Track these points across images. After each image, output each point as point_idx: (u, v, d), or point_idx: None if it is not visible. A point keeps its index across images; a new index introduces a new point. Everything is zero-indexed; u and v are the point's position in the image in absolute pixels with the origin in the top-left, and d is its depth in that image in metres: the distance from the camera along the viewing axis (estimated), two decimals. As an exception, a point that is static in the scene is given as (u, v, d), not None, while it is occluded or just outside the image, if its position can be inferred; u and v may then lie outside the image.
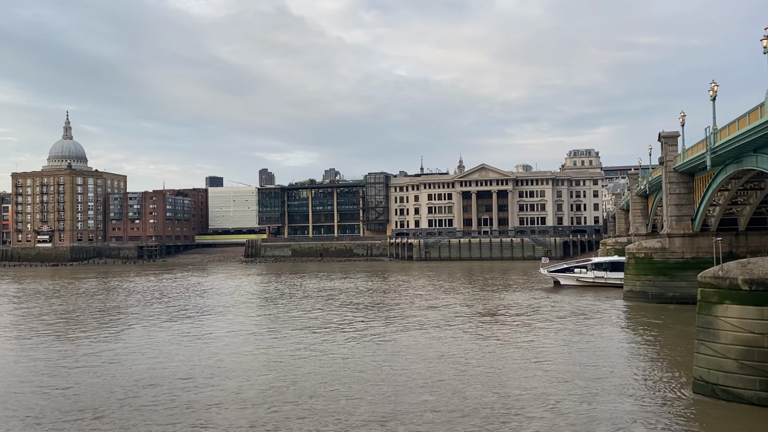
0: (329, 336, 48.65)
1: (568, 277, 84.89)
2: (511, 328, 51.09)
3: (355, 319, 58.04)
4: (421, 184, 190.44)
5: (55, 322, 59.67)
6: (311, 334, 49.81)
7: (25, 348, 46.60)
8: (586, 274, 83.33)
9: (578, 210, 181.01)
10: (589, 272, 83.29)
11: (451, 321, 55.24)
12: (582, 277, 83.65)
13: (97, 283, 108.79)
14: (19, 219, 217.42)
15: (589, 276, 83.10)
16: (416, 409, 28.31)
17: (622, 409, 27.66)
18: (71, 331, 53.91)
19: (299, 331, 51.04)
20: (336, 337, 48.32)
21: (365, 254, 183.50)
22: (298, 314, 62.12)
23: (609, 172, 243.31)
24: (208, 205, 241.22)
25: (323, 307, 67.25)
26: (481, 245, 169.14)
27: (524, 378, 33.76)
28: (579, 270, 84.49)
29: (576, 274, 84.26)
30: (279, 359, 40.16)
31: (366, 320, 57.08)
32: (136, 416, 28.22)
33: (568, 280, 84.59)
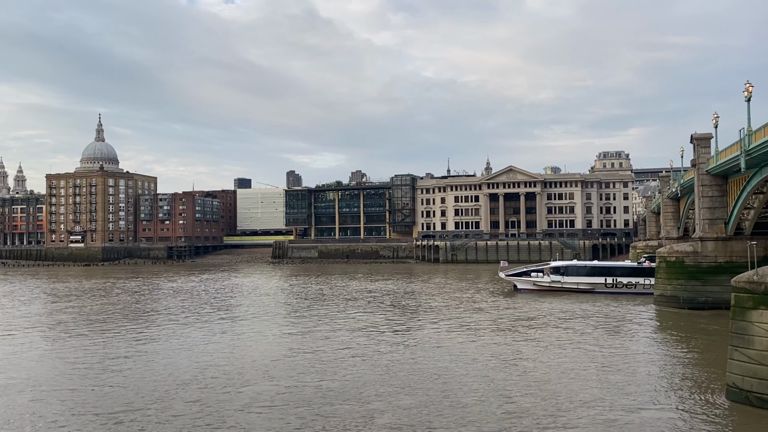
0: (373, 338, 48.71)
1: (524, 281, 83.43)
2: (537, 332, 50.58)
3: (401, 321, 58.00)
4: (447, 186, 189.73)
5: (98, 321, 60.79)
6: (354, 334, 50.08)
7: (69, 346, 47.59)
8: (543, 279, 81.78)
9: (608, 213, 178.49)
10: (545, 276, 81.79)
11: (484, 325, 54.92)
12: (538, 281, 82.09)
13: (137, 284, 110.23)
14: (52, 219, 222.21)
15: (545, 280, 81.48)
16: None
17: (655, 417, 27.18)
18: (114, 330, 54.87)
19: (341, 332, 51.26)
20: (381, 338, 48.36)
21: (391, 256, 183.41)
22: (339, 314, 62.48)
23: (639, 174, 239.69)
24: (237, 206, 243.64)
25: (364, 308, 67.44)
26: (509, 248, 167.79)
27: (560, 383, 33.37)
28: (535, 274, 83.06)
29: (532, 278, 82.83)
30: (326, 359, 40.43)
31: (411, 322, 57.03)
32: (187, 413, 28.60)
33: (524, 284, 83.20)
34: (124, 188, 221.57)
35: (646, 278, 76.52)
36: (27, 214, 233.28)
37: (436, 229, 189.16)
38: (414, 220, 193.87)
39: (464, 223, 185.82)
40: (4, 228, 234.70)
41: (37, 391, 33.29)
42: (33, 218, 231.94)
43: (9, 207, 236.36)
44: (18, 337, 52.07)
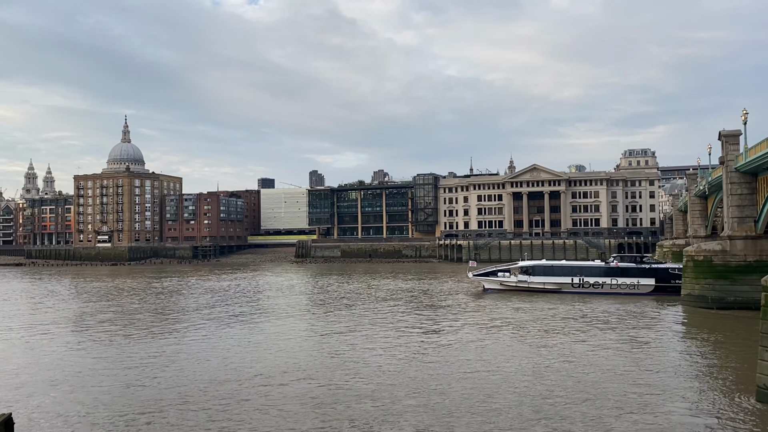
0: (406, 337, 48.77)
1: (492, 281, 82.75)
2: (563, 334, 50.11)
3: (431, 320, 57.95)
4: (470, 185, 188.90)
5: (140, 320, 61.72)
6: (385, 333, 50.23)
7: (106, 344, 48.34)
8: (510, 278, 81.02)
9: (634, 211, 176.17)
10: (512, 276, 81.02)
11: (522, 324, 54.61)
12: (506, 281, 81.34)
13: (173, 283, 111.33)
14: (80, 220, 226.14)
15: (512, 280, 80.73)
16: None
17: (683, 420, 26.77)
18: (156, 328, 55.67)
19: (371, 331, 51.40)
20: (412, 338, 48.36)
21: (414, 255, 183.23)
22: (369, 313, 62.68)
23: (666, 172, 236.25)
24: (261, 206, 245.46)
25: (394, 307, 67.50)
26: (533, 247, 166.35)
27: (591, 383, 33.06)
28: (502, 274, 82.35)
29: (499, 278, 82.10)
30: (359, 358, 40.60)
31: (442, 321, 56.94)
32: (228, 410, 28.94)
33: (492, 284, 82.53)
34: (149, 189, 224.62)
35: (614, 278, 75.93)
36: (56, 215, 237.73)
37: (459, 228, 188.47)
38: (436, 220, 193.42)
39: (487, 222, 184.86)
40: (33, 228, 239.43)
41: (78, 388, 33.94)
42: (61, 218, 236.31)
43: (38, 207, 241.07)
44: (61, 335, 53.01)
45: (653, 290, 73.93)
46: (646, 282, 74.53)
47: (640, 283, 74.57)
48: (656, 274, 75.00)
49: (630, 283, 74.82)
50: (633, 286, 74.59)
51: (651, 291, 74.03)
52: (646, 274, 75.21)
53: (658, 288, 73.85)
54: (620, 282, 75.25)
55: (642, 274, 75.32)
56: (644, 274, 75.20)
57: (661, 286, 73.86)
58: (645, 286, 74.38)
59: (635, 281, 74.81)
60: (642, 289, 74.30)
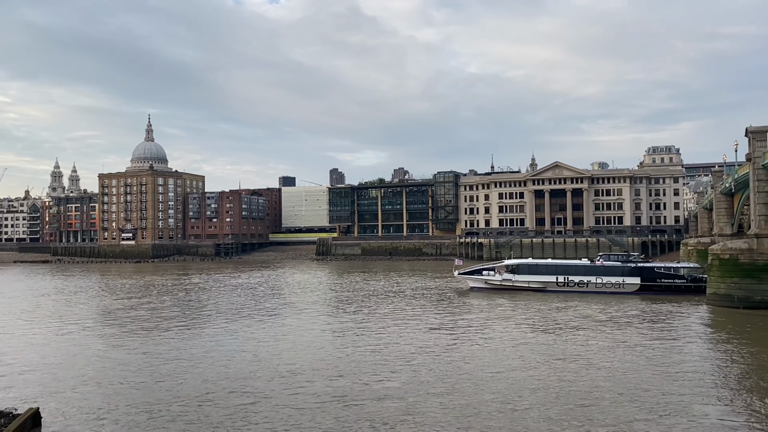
0: (434, 335, 48.80)
1: (476, 279, 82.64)
2: (591, 334, 49.71)
3: (454, 318, 57.91)
4: (491, 182, 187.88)
5: (173, 316, 62.50)
6: (412, 331, 50.26)
7: (134, 340, 49.03)
8: (494, 277, 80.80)
9: (657, 209, 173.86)
10: (497, 275, 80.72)
11: (532, 324, 54.30)
12: (490, 279, 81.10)
13: (201, 280, 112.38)
14: (105, 218, 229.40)
15: (496, 279, 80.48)
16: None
17: (717, 422, 26.43)
18: (191, 324, 56.37)
19: (397, 328, 51.48)
20: (441, 336, 48.35)
21: (434, 253, 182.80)
22: (394, 311, 62.78)
23: (691, 169, 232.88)
24: (282, 204, 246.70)
25: (417, 304, 67.52)
26: (555, 245, 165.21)
27: (620, 385, 32.77)
28: (487, 273, 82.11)
29: (484, 276, 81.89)
30: (390, 356, 40.77)
31: (465, 319, 56.87)
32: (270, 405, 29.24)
33: (476, 282, 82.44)
34: (173, 187, 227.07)
35: (599, 277, 75.56)
36: (81, 213, 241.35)
37: (480, 226, 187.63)
38: (457, 218, 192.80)
39: (509, 220, 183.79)
40: (59, 226, 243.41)
41: (105, 384, 34.50)
42: (86, 216, 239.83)
43: (64, 206, 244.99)
44: (92, 331, 53.87)
45: (639, 289, 73.80)
46: (632, 281, 74.31)
47: (625, 282, 74.38)
48: (642, 273, 74.83)
49: (615, 282, 74.72)
50: (618, 285, 74.45)
51: (636, 290, 73.84)
52: (631, 273, 75.02)
53: (643, 287, 73.75)
54: (605, 281, 75.16)
55: (627, 273, 75.14)
56: (629, 273, 75.00)
57: (646, 285, 73.70)
58: (630, 285, 74.14)
59: (620, 280, 74.66)
60: (627, 288, 74.09)
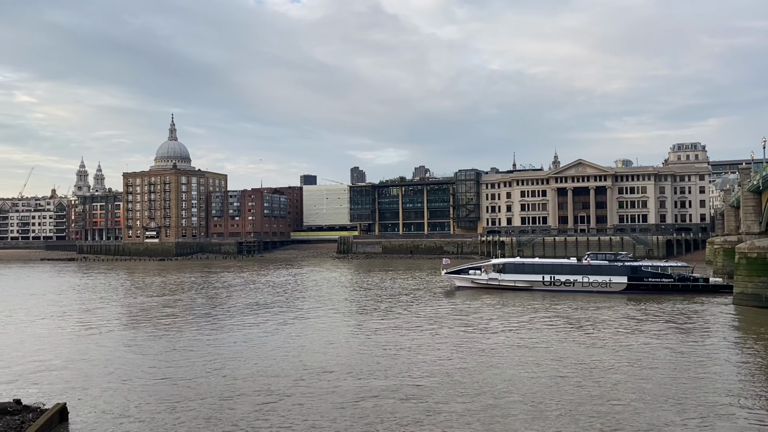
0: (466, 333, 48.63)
1: (463, 278, 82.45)
2: (618, 335, 49.17)
3: (484, 317, 57.74)
4: (513, 180, 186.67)
5: (207, 314, 63.16)
6: (441, 330, 50.19)
7: (159, 338, 49.60)
8: (480, 276, 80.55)
9: (683, 207, 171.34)
10: (483, 274, 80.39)
11: (560, 323, 53.91)
12: (476, 279, 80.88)
13: (231, 277, 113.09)
14: (129, 216, 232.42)
15: (483, 278, 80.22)
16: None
17: (749, 425, 26.00)
18: (224, 321, 57.02)
19: (427, 327, 51.45)
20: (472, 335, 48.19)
21: (455, 252, 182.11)
22: (422, 309, 62.79)
23: (717, 166, 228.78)
24: (303, 202, 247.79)
25: (446, 303, 67.42)
26: (578, 243, 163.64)
27: (650, 385, 32.38)
28: (474, 272, 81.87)
29: (471, 275, 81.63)
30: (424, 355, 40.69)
31: (492, 321, 56.66)
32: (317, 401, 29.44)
33: (463, 282, 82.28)
34: (196, 186, 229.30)
35: (586, 276, 75.19)
36: (106, 211, 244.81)
37: (502, 224, 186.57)
38: (479, 216, 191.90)
39: (531, 218, 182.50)
40: (85, 224, 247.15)
41: (132, 380, 34.96)
42: (111, 215, 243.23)
43: (89, 204, 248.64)
44: (119, 328, 54.57)
45: (625, 288, 73.45)
46: (618, 280, 74.07)
47: (612, 281, 74.18)
48: (628, 272, 74.44)
49: (602, 281, 74.55)
50: (605, 284, 74.28)
51: (623, 289, 73.51)
52: (618, 272, 74.68)
53: (630, 286, 73.44)
54: (592, 280, 74.96)
55: (614, 272, 74.86)
56: (616, 272, 74.68)
57: (633, 285, 73.41)
58: (617, 284, 73.92)
59: (607, 279, 74.45)
60: (614, 288, 73.85)
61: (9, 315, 64.08)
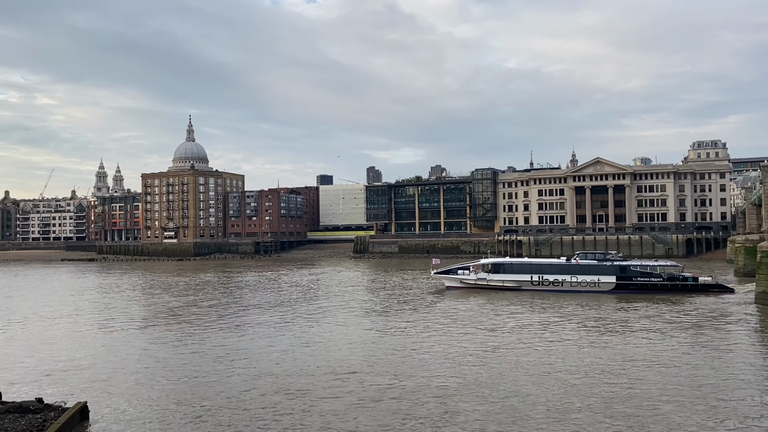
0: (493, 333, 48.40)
1: (451, 278, 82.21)
2: (642, 335, 48.68)
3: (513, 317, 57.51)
4: (530, 179, 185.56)
5: (233, 313, 63.62)
6: (464, 331, 50.01)
7: (182, 337, 49.97)
8: (469, 276, 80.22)
9: (703, 205, 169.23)
10: (471, 274, 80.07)
11: (585, 324, 53.50)
12: (465, 278, 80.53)
13: (255, 277, 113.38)
14: (148, 216, 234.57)
15: (471, 278, 79.91)
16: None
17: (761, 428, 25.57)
18: (251, 321, 57.30)
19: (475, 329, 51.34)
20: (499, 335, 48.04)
21: (472, 251, 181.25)
22: (442, 309, 62.59)
23: (738, 164, 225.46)
24: (319, 202, 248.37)
25: (468, 302, 67.16)
26: (596, 243, 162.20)
27: (675, 387, 32.00)
28: (462, 272, 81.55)
29: (459, 275, 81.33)
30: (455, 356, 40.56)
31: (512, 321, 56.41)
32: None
33: (452, 282, 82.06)
34: (213, 186, 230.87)
35: (574, 276, 74.80)
36: (125, 212, 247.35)
37: (519, 223, 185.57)
38: (495, 215, 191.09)
39: (548, 217, 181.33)
40: (104, 225, 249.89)
41: (153, 379, 35.27)
42: (130, 215, 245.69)
43: (109, 205, 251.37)
44: (141, 327, 55.09)
45: (614, 288, 73.12)
46: (607, 280, 73.77)
47: (601, 280, 73.90)
48: (617, 271, 74.08)
49: (590, 280, 74.29)
50: (593, 283, 74.02)
51: (612, 289, 73.17)
52: (606, 271, 74.36)
53: (619, 286, 73.12)
54: (580, 280, 74.65)
55: (602, 271, 74.53)
56: (605, 272, 74.34)
57: (622, 284, 73.09)
58: (606, 284, 73.62)
59: (595, 279, 74.16)
60: (603, 287, 73.55)
61: (33, 314, 64.92)
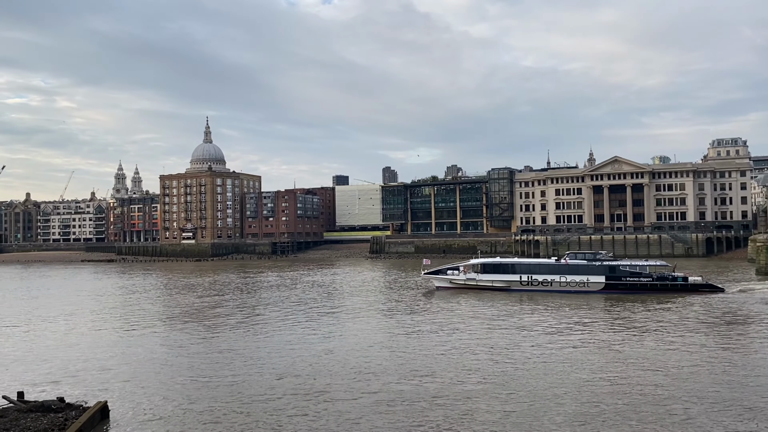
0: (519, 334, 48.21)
1: (441, 279, 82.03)
2: (677, 335, 48.18)
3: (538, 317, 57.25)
4: (548, 178, 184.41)
5: (261, 313, 63.96)
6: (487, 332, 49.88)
7: (203, 337, 50.30)
8: (458, 277, 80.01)
9: (723, 204, 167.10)
10: (461, 274, 79.91)
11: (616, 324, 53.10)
12: (454, 279, 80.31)
13: (276, 277, 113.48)
14: (166, 218, 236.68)
15: (460, 278, 79.70)
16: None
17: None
18: (276, 320, 57.63)
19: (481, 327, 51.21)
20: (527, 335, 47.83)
21: (489, 251, 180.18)
22: (464, 309, 62.37)
23: (759, 162, 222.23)
24: (335, 203, 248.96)
25: (491, 303, 67.03)
26: (614, 242, 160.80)
27: (709, 389, 31.66)
28: (452, 272, 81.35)
29: (449, 276, 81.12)
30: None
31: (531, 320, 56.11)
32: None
33: (441, 282, 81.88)
34: (231, 187, 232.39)
35: (563, 276, 74.45)
36: (143, 213, 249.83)
37: (536, 223, 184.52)
38: (512, 215, 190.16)
39: (566, 216, 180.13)
40: (123, 226, 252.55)
41: (174, 379, 35.50)
42: (149, 216, 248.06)
43: (128, 206, 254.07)
44: (168, 328, 55.51)
45: (603, 288, 72.80)
46: (596, 280, 73.45)
47: (590, 280, 73.60)
48: (606, 271, 73.72)
49: (579, 280, 74.01)
50: (582, 283, 73.75)
51: (601, 289, 72.84)
52: (595, 271, 74.02)
53: (608, 285, 72.79)
54: (569, 280, 74.32)
55: (591, 271, 74.21)
56: (594, 272, 74.02)
57: (611, 284, 72.75)
58: (595, 284, 73.33)
59: (584, 279, 73.86)
60: (592, 287, 73.23)
61: (57, 314, 65.64)
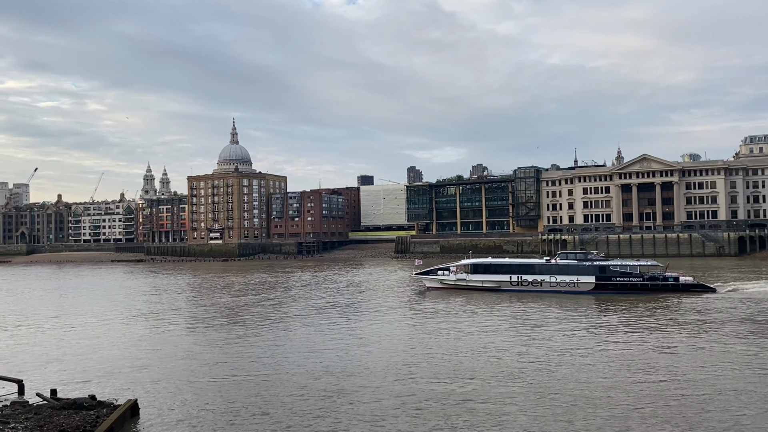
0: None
1: (432, 279, 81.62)
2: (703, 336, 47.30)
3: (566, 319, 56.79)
4: (575, 177, 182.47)
5: (297, 314, 64.23)
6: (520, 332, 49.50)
7: (234, 336, 50.72)
8: (449, 277, 79.38)
9: (756, 202, 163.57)
10: (451, 275, 79.26)
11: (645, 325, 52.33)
12: (445, 279, 79.78)
13: (310, 277, 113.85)
14: (194, 218, 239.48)
15: (451, 278, 79.13)
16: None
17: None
18: (313, 319, 57.88)
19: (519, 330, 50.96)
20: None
21: (515, 251, 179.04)
22: (495, 309, 62.18)
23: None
24: (360, 202, 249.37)
25: (518, 303, 66.66)
26: (643, 241, 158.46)
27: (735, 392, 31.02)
28: (442, 272, 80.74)
29: (439, 276, 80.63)
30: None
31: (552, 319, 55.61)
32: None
33: (432, 282, 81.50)
34: (257, 188, 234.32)
35: (553, 276, 73.73)
36: (171, 214, 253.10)
37: (563, 222, 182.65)
38: (539, 214, 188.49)
39: (594, 215, 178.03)
40: (152, 227, 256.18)
41: (204, 378, 35.81)
42: (177, 217, 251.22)
43: (156, 207, 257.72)
44: (200, 326, 55.97)
45: (594, 288, 72.03)
46: (586, 280, 72.74)
47: (580, 281, 72.92)
48: (596, 271, 72.86)
49: (569, 281, 73.36)
50: (573, 284, 73.12)
51: (591, 289, 72.08)
52: (586, 271, 73.19)
53: (598, 286, 72.02)
54: (559, 280, 73.68)
55: (582, 271, 73.37)
56: (584, 272, 73.19)
57: (601, 284, 71.96)
58: (585, 284, 72.65)
59: (575, 279, 73.16)
60: (582, 287, 72.53)
61: (88, 313, 66.63)
